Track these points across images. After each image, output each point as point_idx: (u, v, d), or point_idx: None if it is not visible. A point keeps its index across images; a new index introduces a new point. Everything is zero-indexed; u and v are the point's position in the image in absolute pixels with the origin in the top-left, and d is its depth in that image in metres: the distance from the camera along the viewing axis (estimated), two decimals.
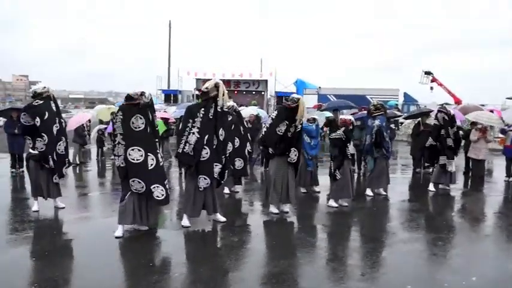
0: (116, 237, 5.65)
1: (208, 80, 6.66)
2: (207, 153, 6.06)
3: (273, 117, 7.04)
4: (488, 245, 6.06)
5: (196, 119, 6.02)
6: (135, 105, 5.58)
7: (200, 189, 6.16)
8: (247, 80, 30.25)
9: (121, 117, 5.57)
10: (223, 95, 6.07)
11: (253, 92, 30.14)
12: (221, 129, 6.18)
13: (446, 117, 9.16)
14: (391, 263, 5.15)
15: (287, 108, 6.87)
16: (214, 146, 6.13)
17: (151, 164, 5.65)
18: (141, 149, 5.59)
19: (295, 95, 7.16)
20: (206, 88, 6.12)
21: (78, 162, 12.21)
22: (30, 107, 6.71)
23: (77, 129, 12.22)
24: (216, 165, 6.19)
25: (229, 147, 8.16)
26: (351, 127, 7.82)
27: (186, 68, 30.78)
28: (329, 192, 8.02)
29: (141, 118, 5.59)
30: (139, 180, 5.61)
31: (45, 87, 6.82)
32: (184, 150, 6.03)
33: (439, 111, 9.41)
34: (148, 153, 5.64)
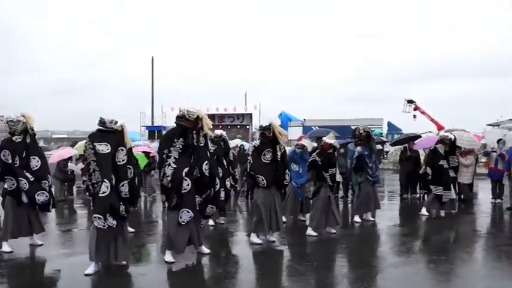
0: (85, 275, 5.23)
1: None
2: (188, 185, 5.70)
3: (256, 145, 6.91)
4: (480, 265, 5.93)
5: (172, 149, 5.71)
6: (108, 132, 5.38)
7: (183, 223, 5.74)
8: (231, 114, 30.40)
9: (90, 144, 5.35)
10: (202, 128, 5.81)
11: (238, 126, 30.24)
12: (205, 163, 5.84)
13: (447, 148, 9.09)
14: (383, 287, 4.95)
15: (267, 137, 6.77)
16: (194, 177, 5.76)
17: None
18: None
19: (266, 123, 7.10)
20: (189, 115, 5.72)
21: (60, 199, 11.83)
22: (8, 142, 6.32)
23: (59, 164, 11.90)
24: (196, 197, 5.83)
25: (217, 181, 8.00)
26: (330, 151, 7.46)
27: (170, 102, 30.90)
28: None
29: (106, 145, 5.33)
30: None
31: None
32: (162, 182, 5.74)
33: (440, 141, 9.30)
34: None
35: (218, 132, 8.51)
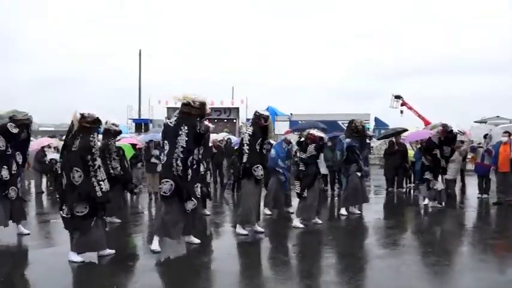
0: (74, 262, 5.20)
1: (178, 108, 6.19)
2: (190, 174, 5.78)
3: (250, 136, 6.81)
4: (466, 257, 5.96)
5: (179, 138, 5.72)
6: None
7: (188, 211, 5.80)
8: (218, 108, 30.20)
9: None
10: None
11: (225, 120, 30.09)
12: (197, 149, 5.91)
13: (442, 138, 9.01)
14: (369, 278, 4.94)
15: (261, 127, 6.75)
16: (194, 166, 5.86)
17: None
18: None
19: (265, 113, 6.94)
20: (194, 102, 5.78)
21: (42, 191, 11.65)
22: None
23: (37, 155, 11.64)
24: (197, 186, 5.93)
25: (202, 168, 7.98)
26: (320, 143, 7.38)
27: (158, 95, 30.69)
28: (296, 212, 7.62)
29: None
30: None
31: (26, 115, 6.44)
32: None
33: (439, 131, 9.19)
34: None
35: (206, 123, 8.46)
